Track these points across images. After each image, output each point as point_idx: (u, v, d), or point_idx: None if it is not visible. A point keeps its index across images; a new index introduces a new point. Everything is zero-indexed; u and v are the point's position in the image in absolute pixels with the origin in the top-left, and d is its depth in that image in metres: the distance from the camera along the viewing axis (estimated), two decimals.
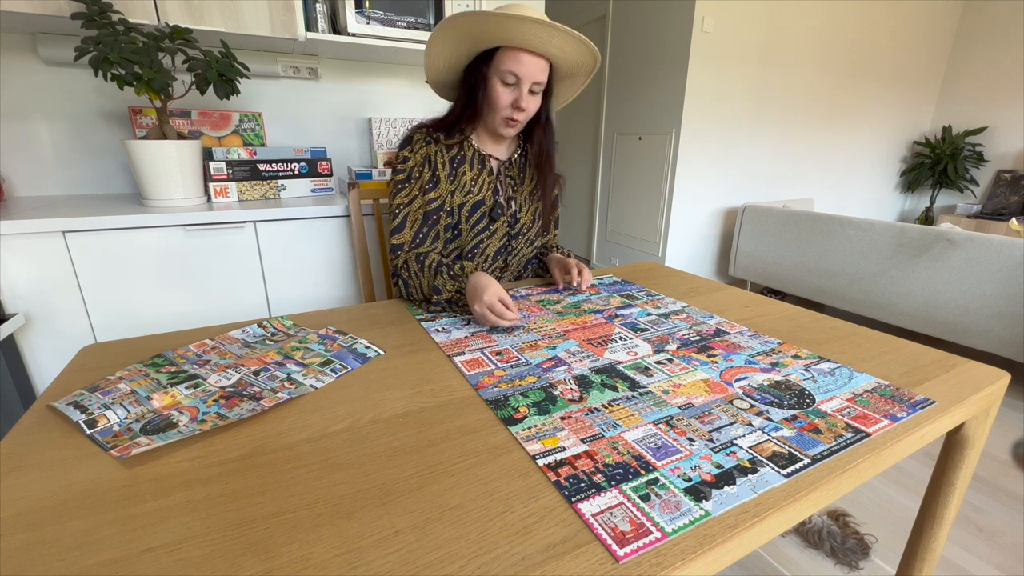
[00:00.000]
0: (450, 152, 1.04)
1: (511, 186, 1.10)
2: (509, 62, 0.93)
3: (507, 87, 0.96)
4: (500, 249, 1.10)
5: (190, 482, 0.46)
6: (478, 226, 1.05)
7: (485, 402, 0.60)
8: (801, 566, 1.15)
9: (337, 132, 1.87)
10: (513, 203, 1.10)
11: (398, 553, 0.38)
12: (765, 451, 0.50)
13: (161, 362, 0.68)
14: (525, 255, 1.16)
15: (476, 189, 1.05)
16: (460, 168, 1.04)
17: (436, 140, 1.03)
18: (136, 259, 1.24)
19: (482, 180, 1.06)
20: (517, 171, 1.12)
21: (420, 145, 1.02)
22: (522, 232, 1.11)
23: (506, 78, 0.94)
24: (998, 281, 1.91)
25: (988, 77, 3.66)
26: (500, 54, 0.94)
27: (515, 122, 0.99)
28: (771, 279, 2.80)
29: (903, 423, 0.56)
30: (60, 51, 1.39)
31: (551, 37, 0.90)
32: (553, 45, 0.92)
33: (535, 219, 1.13)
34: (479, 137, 1.07)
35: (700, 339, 0.79)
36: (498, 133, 1.02)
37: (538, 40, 0.91)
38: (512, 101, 0.96)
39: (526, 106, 0.97)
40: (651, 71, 2.91)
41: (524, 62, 0.93)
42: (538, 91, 0.98)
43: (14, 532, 0.40)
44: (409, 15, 1.56)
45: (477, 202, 1.05)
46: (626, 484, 0.46)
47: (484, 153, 1.07)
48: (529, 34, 0.89)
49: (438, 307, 0.91)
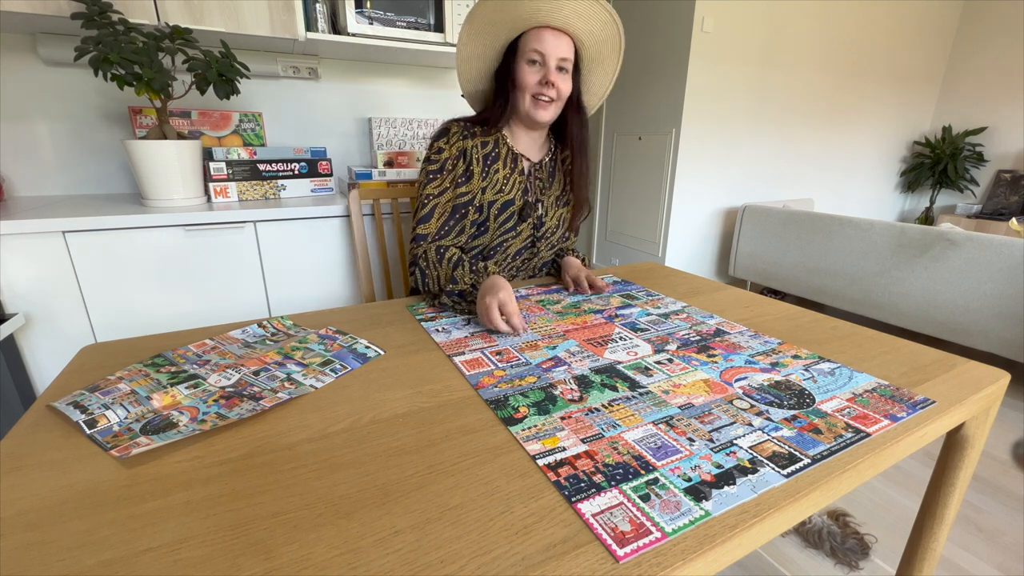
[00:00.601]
0: (485, 148, 1.04)
1: (539, 189, 1.11)
2: (532, 42, 0.96)
3: (533, 66, 0.97)
4: (521, 250, 1.11)
5: (190, 482, 0.46)
6: (506, 225, 1.06)
7: (485, 402, 0.60)
8: (801, 566, 1.15)
9: (337, 132, 1.87)
10: (540, 206, 1.10)
11: (398, 553, 0.38)
12: (765, 451, 0.50)
13: (161, 362, 0.68)
14: (544, 258, 1.16)
15: (508, 188, 1.05)
16: (493, 165, 1.04)
17: (473, 135, 1.03)
18: (136, 259, 1.24)
19: (513, 179, 1.06)
20: (547, 175, 1.12)
21: (457, 138, 1.02)
22: (546, 236, 1.12)
23: (531, 56, 0.97)
24: (998, 281, 1.91)
25: (988, 77, 3.66)
26: (523, 39, 0.97)
27: (546, 101, 0.99)
28: (771, 279, 2.80)
29: (903, 423, 0.56)
30: (60, 51, 1.39)
31: (568, 5, 0.92)
32: (572, 13, 0.94)
33: (559, 224, 1.14)
34: (513, 133, 1.08)
35: (700, 339, 0.79)
36: (531, 118, 1.01)
37: (558, 12, 0.93)
38: (540, 78, 0.97)
39: (555, 81, 0.97)
40: (651, 71, 2.91)
41: (546, 39, 0.95)
42: (566, 68, 0.99)
43: (14, 532, 0.40)
44: (409, 15, 1.56)
45: (507, 201, 1.05)
46: (626, 484, 0.45)
47: (517, 152, 1.07)
48: (550, 6, 0.92)
49: (450, 299, 0.90)
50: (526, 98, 0.99)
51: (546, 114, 1.01)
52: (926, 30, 3.59)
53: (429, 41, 1.61)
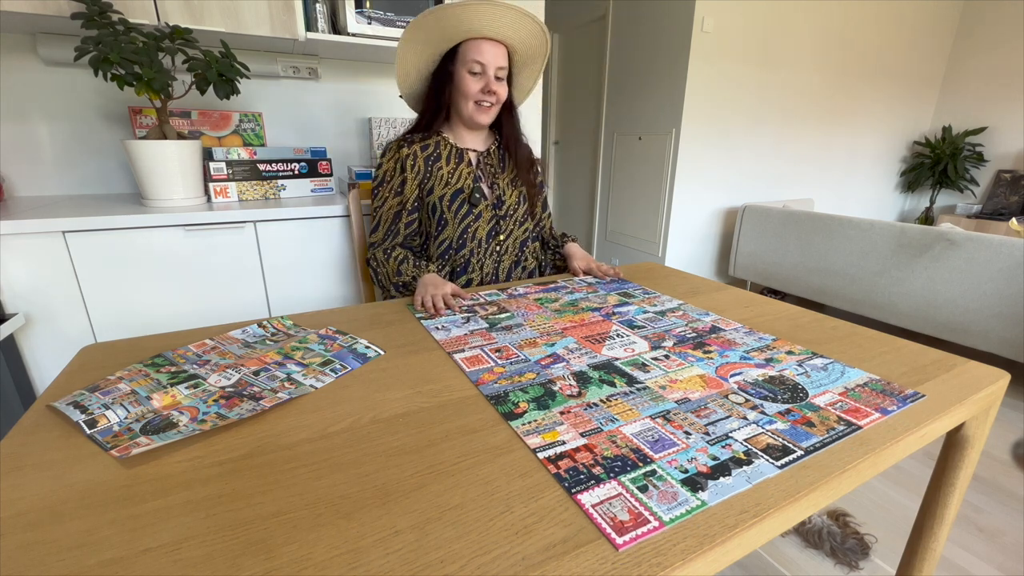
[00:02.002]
0: (425, 152, 1.12)
1: (492, 174, 1.18)
2: (473, 52, 1.03)
3: (474, 76, 1.05)
4: (491, 232, 1.15)
5: (190, 482, 0.46)
6: (461, 211, 1.12)
7: (485, 398, 0.60)
8: (801, 566, 1.15)
9: (337, 132, 1.87)
10: (496, 187, 1.17)
11: (398, 553, 0.38)
12: (759, 443, 0.51)
13: (161, 362, 0.68)
14: (518, 236, 1.20)
15: (455, 179, 1.12)
16: (436, 164, 1.12)
17: (411, 143, 1.12)
18: (136, 259, 1.24)
19: (460, 171, 1.14)
20: (497, 160, 1.20)
21: (393, 152, 1.12)
22: (509, 213, 1.17)
23: (472, 67, 1.04)
24: (998, 281, 1.91)
25: (988, 77, 3.66)
26: (463, 48, 1.04)
27: (488, 106, 1.09)
28: (771, 279, 2.80)
29: (902, 422, 0.56)
30: (60, 51, 1.39)
31: (506, 20, 1.01)
32: (508, 27, 1.03)
33: (520, 200, 1.20)
34: (455, 133, 1.16)
35: (696, 336, 0.80)
36: (474, 121, 1.10)
37: (497, 26, 1.01)
38: (482, 87, 1.06)
39: (496, 89, 1.06)
40: (651, 71, 2.91)
41: (486, 50, 1.03)
42: (503, 76, 1.08)
43: (14, 532, 0.40)
44: (409, 15, 1.56)
45: (456, 190, 1.12)
46: (624, 476, 0.46)
47: (461, 148, 1.15)
48: (487, 21, 1.00)
49: (395, 291, 1.06)
50: (469, 104, 1.08)
51: (487, 117, 1.10)
52: (926, 30, 3.59)
53: None
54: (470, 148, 1.16)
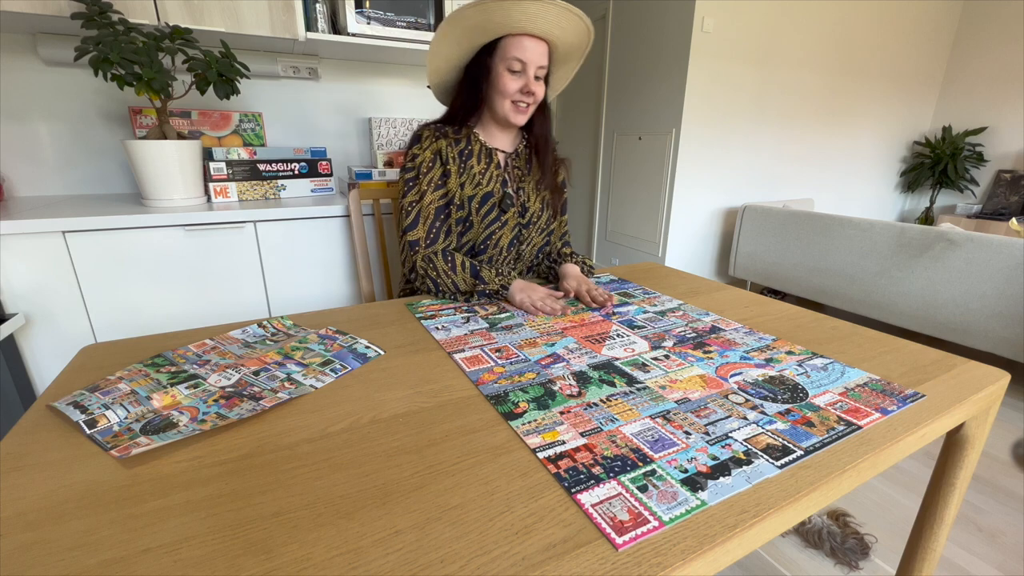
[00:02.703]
0: (458, 146, 1.06)
1: (518, 177, 1.13)
2: (514, 49, 0.96)
3: (514, 74, 0.99)
4: (513, 240, 1.12)
5: (190, 482, 0.46)
6: (488, 217, 1.07)
7: (485, 398, 0.60)
8: (801, 566, 1.15)
9: (337, 132, 1.87)
10: (521, 192, 1.12)
11: (398, 553, 0.38)
12: (759, 443, 0.52)
13: (161, 362, 0.68)
14: (537, 243, 1.17)
15: (485, 181, 1.07)
16: (468, 161, 1.06)
17: (444, 135, 1.05)
18: (136, 259, 1.24)
19: (490, 172, 1.08)
20: (523, 162, 1.14)
21: (429, 141, 1.05)
22: (532, 221, 1.13)
23: (513, 65, 0.98)
24: (998, 281, 1.91)
25: (988, 77, 3.66)
26: (504, 43, 0.97)
27: (525, 107, 1.02)
28: (771, 279, 2.80)
29: (902, 422, 0.56)
30: (60, 51, 1.39)
31: (553, 16, 0.94)
32: (554, 25, 0.96)
33: (544, 207, 1.15)
34: (485, 130, 1.10)
35: (696, 336, 0.80)
36: (507, 121, 1.04)
37: (542, 23, 0.94)
38: (521, 87, 0.99)
39: (535, 90, 1.00)
40: (651, 71, 2.91)
41: (528, 47, 0.96)
42: (542, 76, 1.02)
43: (14, 532, 0.40)
44: (409, 15, 1.56)
45: (487, 194, 1.07)
46: (624, 475, 0.46)
47: (491, 147, 1.09)
48: (534, 17, 0.93)
49: (478, 298, 0.97)
50: (505, 104, 1.01)
51: (523, 118, 1.05)
52: (926, 30, 3.59)
53: (429, 41, 1.61)
54: (499, 148, 1.10)
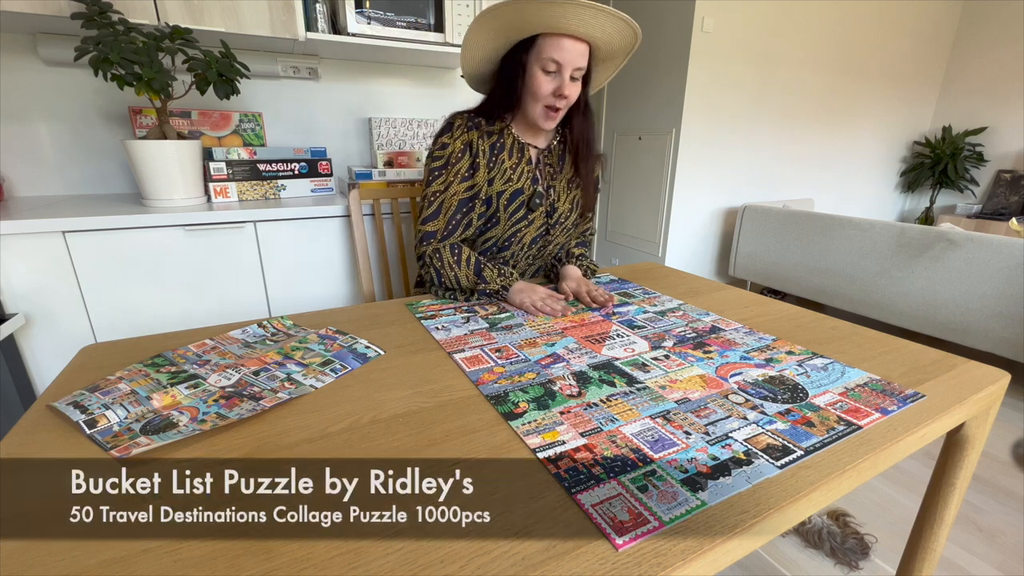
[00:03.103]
0: (491, 139, 1.03)
1: (550, 175, 1.09)
2: (551, 49, 0.92)
3: (548, 75, 0.94)
4: (536, 238, 1.10)
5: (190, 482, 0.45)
6: (516, 215, 1.05)
7: (485, 398, 0.60)
8: (801, 566, 1.15)
9: (337, 132, 1.87)
10: (552, 192, 1.09)
11: (398, 553, 0.38)
12: (759, 443, 0.51)
13: (161, 362, 0.68)
14: (560, 243, 1.16)
15: (516, 177, 1.04)
16: (500, 155, 1.03)
17: (478, 126, 1.02)
18: (136, 259, 1.24)
19: (521, 168, 1.05)
20: (556, 159, 1.11)
21: (461, 131, 1.01)
22: (559, 221, 1.11)
23: (547, 66, 0.93)
24: (998, 281, 1.91)
25: (988, 77, 3.66)
26: (541, 41, 0.92)
27: (556, 112, 0.98)
28: (771, 279, 2.80)
29: (902, 422, 0.56)
30: (60, 51, 1.39)
31: (593, 19, 0.89)
32: (595, 27, 0.91)
33: (573, 207, 1.13)
34: (518, 126, 1.06)
35: (696, 336, 0.80)
36: (539, 126, 1.01)
37: (581, 24, 0.89)
38: (554, 89, 0.95)
39: (568, 93, 0.95)
40: (651, 71, 2.91)
41: (566, 48, 0.91)
42: (579, 77, 0.97)
43: (14, 532, 0.40)
44: (409, 15, 1.56)
45: (516, 191, 1.04)
46: (624, 476, 0.46)
47: (523, 142, 1.06)
48: (572, 18, 0.88)
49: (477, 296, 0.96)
50: (537, 107, 0.98)
51: (553, 123, 1.00)
52: (926, 30, 3.59)
53: (429, 41, 1.61)
54: (531, 144, 1.07)
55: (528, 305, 0.90)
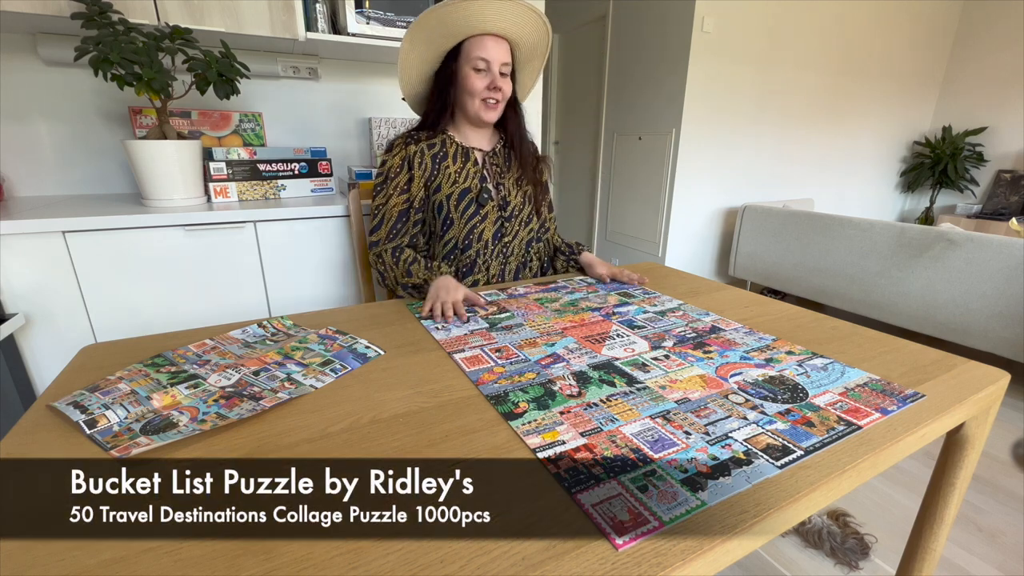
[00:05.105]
0: (432, 150, 1.11)
1: (498, 174, 1.17)
2: (477, 49, 1.03)
3: (479, 73, 1.05)
4: (496, 233, 1.14)
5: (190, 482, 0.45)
6: (467, 212, 1.11)
7: (485, 398, 0.60)
8: (801, 566, 1.15)
9: (337, 132, 1.87)
10: (502, 188, 1.16)
11: (398, 553, 0.38)
12: (759, 443, 0.51)
13: (161, 362, 0.68)
14: (523, 238, 1.19)
15: (462, 178, 1.11)
16: (444, 163, 1.11)
17: (417, 140, 1.11)
18: (136, 259, 1.24)
19: (467, 170, 1.13)
20: (502, 160, 1.19)
21: (399, 148, 1.10)
22: (515, 214, 1.16)
23: (477, 64, 1.04)
24: (998, 281, 1.91)
25: (988, 77, 3.66)
26: (467, 45, 1.04)
27: (494, 103, 1.08)
28: (771, 279, 2.80)
29: (902, 422, 0.56)
30: (60, 51, 1.39)
31: (510, 14, 1.01)
32: (512, 23, 1.03)
33: (525, 200, 1.19)
34: (460, 132, 1.15)
35: (696, 336, 0.80)
36: (480, 120, 1.10)
37: (500, 20, 1.01)
38: (488, 83, 1.05)
39: (501, 86, 1.06)
40: (651, 71, 2.91)
41: (490, 46, 1.03)
42: (507, 73, 1.08)
43: (14, 532, 0.40)
44: (409, 15, 1.56)
45: (464, 190, 1.11)
46: (624, 476, 0.46)
47: (467, 146, 1.14)
48: (491, 14, 1.00)
49: (404, 291, 1.05)
50: (475, 102, 1.07)
51: (494, 114, 1.10)
52: (926, 30, 3.59)
53: None
54: (476, 147, 1.15)
55: (434, 304, 0.89)
